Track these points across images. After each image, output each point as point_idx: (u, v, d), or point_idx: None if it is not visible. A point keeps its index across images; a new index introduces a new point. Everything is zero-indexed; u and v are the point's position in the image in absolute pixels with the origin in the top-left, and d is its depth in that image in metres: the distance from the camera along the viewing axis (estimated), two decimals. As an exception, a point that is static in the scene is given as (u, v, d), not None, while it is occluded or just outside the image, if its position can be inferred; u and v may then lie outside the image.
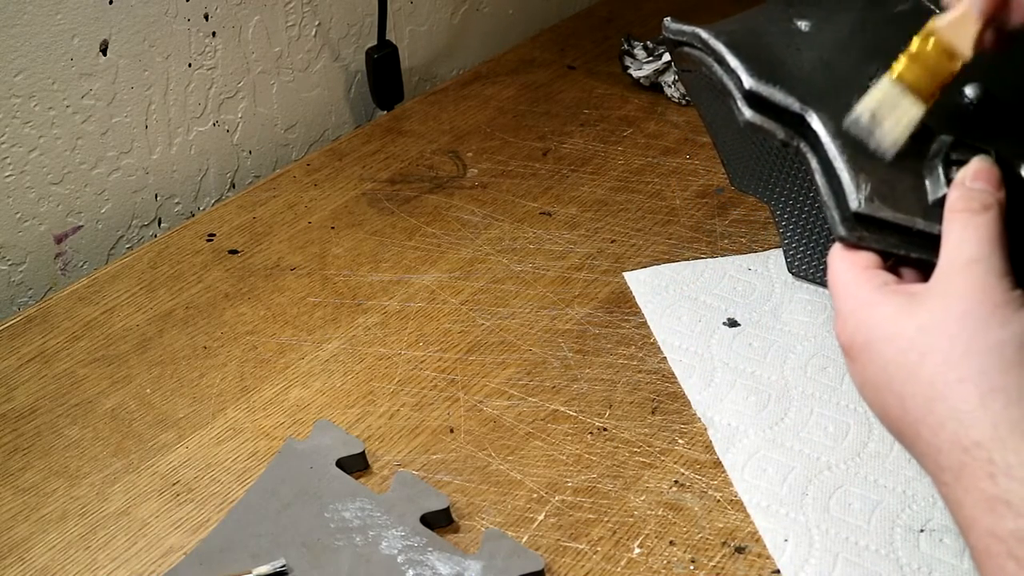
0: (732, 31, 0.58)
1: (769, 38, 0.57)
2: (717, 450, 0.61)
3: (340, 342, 0.70)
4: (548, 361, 0.68)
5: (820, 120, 0.53)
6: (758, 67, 0.55)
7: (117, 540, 0.58)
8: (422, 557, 0.55)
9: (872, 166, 0.51)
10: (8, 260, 0.77)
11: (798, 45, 0.57)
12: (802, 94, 0.54)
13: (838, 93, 0.54)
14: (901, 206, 0.50)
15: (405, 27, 0.98)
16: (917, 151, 0.51)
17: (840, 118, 0.52)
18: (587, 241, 0.78)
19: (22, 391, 0.68)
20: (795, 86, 0.54)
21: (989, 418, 0.43)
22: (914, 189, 0.51)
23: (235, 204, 0.84)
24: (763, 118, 0.54)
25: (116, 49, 0.78)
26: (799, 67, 0.55)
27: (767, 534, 0.56)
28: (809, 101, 0.53)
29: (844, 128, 0.52)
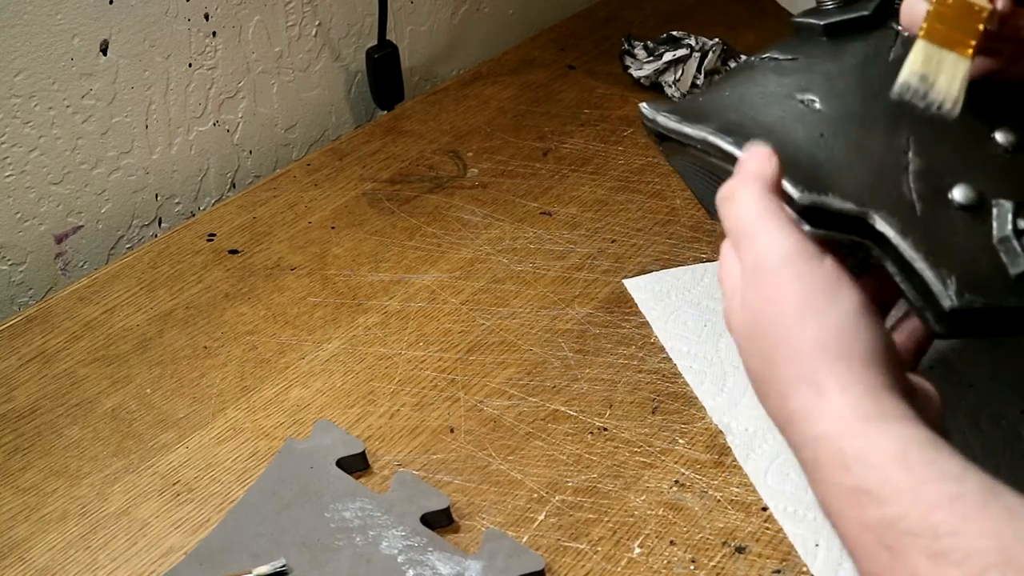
0: (743, 128, 0.53)
1: (788, 131, 0.53)
2: (737, 457, 0.61)
3: (340, 342, 0.70)
4: (548, 361, 0.68)
5: (883, 220, 0.49)
6: (798, 175, 0.50)
7: (117, 540, 0.58)
8: (422, 557, 0.55)
9: (949, 254, 0.49)
10: (8, 260, 0.77)
11: (820, 131, 0.53)
12: (856, 194, 0.50)
13: (885, 181, 0.50)
14: (989, 290, 0.48)
15: (405, 27, 0.98)
16: (981, 224, 0.50)
17: (900, 211, 0.49)
18: (587, 241, 0.78)
19: (22, 391, 0.68)
20: (845, 187, 0.50)
21: (832, 408, 0.42)
22: (995, 267, 0.49)
23: (235, 204, 0.84)
24: (826, 232, 0.49)
25: (116, 49, 0.78)
26: (835, 162, 0.51)
27: (797, 540, 0.56)
28: (865, 201, 0.50)
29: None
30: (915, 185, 0.50)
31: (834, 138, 0.52)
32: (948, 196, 0.50)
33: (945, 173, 0.51)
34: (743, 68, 0.58)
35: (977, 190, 0.50)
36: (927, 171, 0.51)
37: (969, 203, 0.50)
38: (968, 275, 0.49)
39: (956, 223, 0.50)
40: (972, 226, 0.50)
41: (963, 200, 0.50)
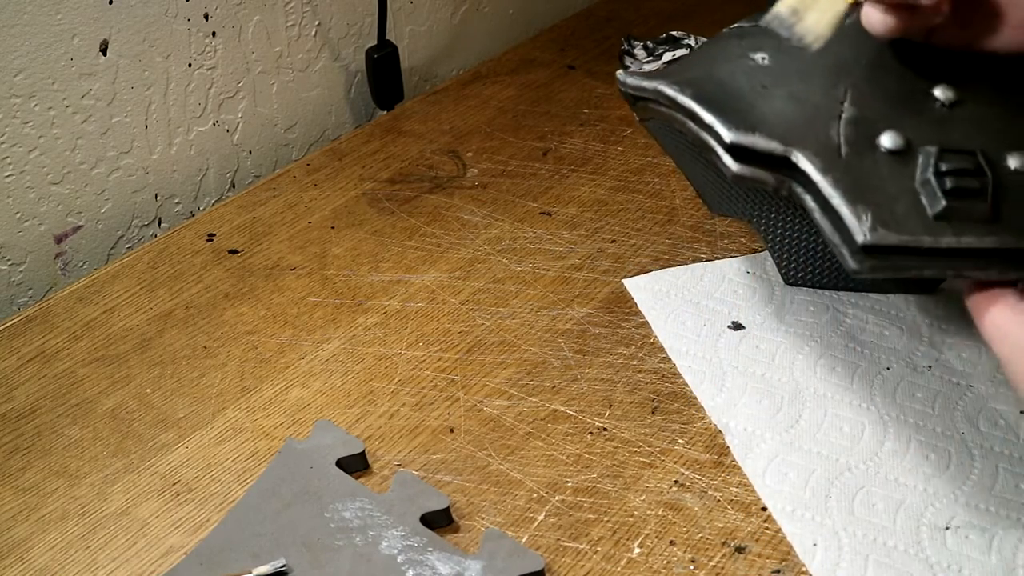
0: (695, 80, 0.57)
1: (734, 82, 0.56)
2: (736, 456, 0.61)
3: (340, 342, 0.70)
4: (548, 361, 0.68)
5: (806, 158, 0.52)
6: (732, 117, 0.54)
7: (117, 540, 0.58)
8: (422, 557, 0.55)
9: (869, 193, 0.51)
10: (8, 260, 0.77)
11: (763, 82, 0.56)
12: (782, 135, 0.53)
13: (815, 125, 0.53)
14: (905, 228, 0.50)
15: (405, 27, 0.98)
16: (905, 168, 0.51)
17: (824, 152, 0.52)
18: (587, 241, 0.78)
19: (22, 391, 0.68)
20: (773, 128, 0.53)
21: None
22: (914, 207, 0.50)
23: (235, 204, 0.84)
24: (751, 168, 0.54)
25: (116, 49, 0.78)
26: (771, 107, 0.54)
27: (795, 539, 0.56)
28: (791, 141, 0.53)
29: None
30: (844, 131, 0.53)
31: (775, 88, 0.55)
32: (876, 141, 0.52)
33: (877, 121, 0.52)
34: (715, 37, 0.61)
35: (906, 137, 0.52)
36: (859, 119, 0.53)
37: (896, 148, 0.51)
38: (885, 213, 0.50)
39: (881, 166, 0.51)
40: (897, 170, 0.51)
41: (890, 145, 0.51)
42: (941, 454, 0.60)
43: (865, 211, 0.50)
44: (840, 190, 0.51)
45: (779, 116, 0.54)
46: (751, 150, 0.53)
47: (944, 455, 0.60)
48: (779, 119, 0.53)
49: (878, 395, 0.63)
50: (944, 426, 0.61)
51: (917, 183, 0.51)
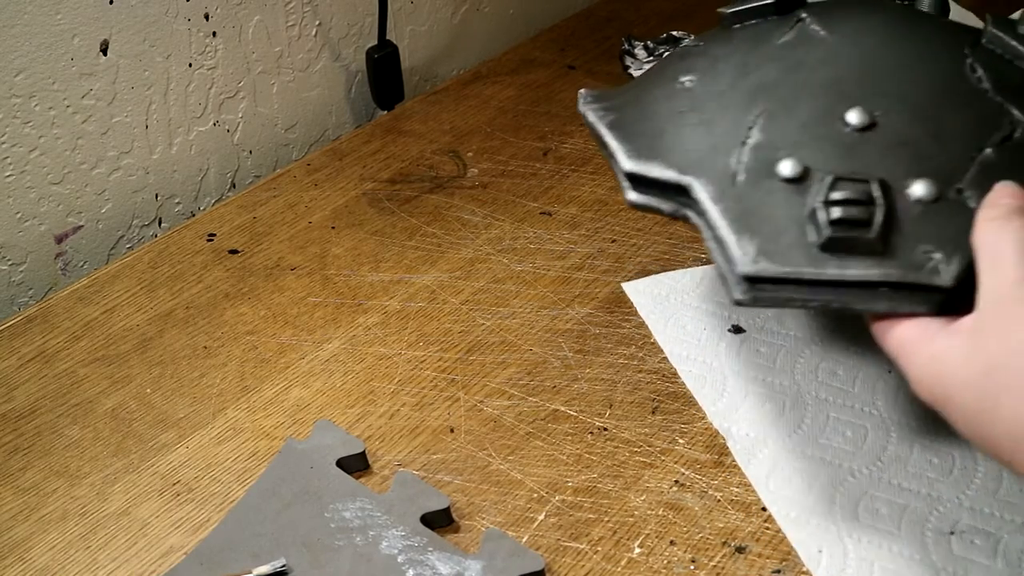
0: (622, 104, 0.58)
1: (655, 105, 0.57)
2: (739, 462, 0.60)
3: (340, 342, 0.70)
4: (548, 361, 0.68)
5: (701, 186, 0.52)
6: (637, 144, 0.55)
7: (117, 540, 0.58)
8: (422, 557, 0.55)
9: (757, 222, 0.50)
10: (8, 260, 0.77)
11: (681, 107, 0.56)
12: (681, 163, 0.53)
13: (716, 152, 0.53)
14: (787, 259, 0.48)
15: (405, 27, 0.98)
16: (798, 196, 0.50)
17: (719, 180, 0.52)
18: (587, 241, 0.78)
19: (22, 391, 0.68)
20: (674, 157, 0.54)
21: None
22: (800, 237, 0.49)
23: (235, 204, 0.84)
24: (647, 197, 0.54)
25: (116, 49, 0.78)
26: (679, 134, 0.54)
27: (800, 546, 0.56)
28: (689, 169, 0.53)
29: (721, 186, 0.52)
30: (746, 158, 0.52)
31: (690, 113, 0.55)
32: (774, 169, 0.51)
33: (781, 148, 0.51)
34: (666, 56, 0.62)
35: (804, 164, 0.50)
36: (763, 145, 0.52)
37: (793, 176, 0.50)
38: (769, 243, 0.49)
39: (775, 194, 0.50)
40: (790, 198, 0.50)
41: (787, 173, 0.50)
42: (944, 458, 0.59)
43: (750, 241, 0.49)
44: (728, 219, 0.50)
45: (684, 143, 0.54)
46: (648, 178, 0.54)
47: (948, 459, 0.59)
48: (683, 147, 0.54)
49: (880, 399, 0.63)
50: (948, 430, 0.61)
51: (807, 210, 0.49)
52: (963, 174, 0.50)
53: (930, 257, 0.48)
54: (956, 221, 0.48)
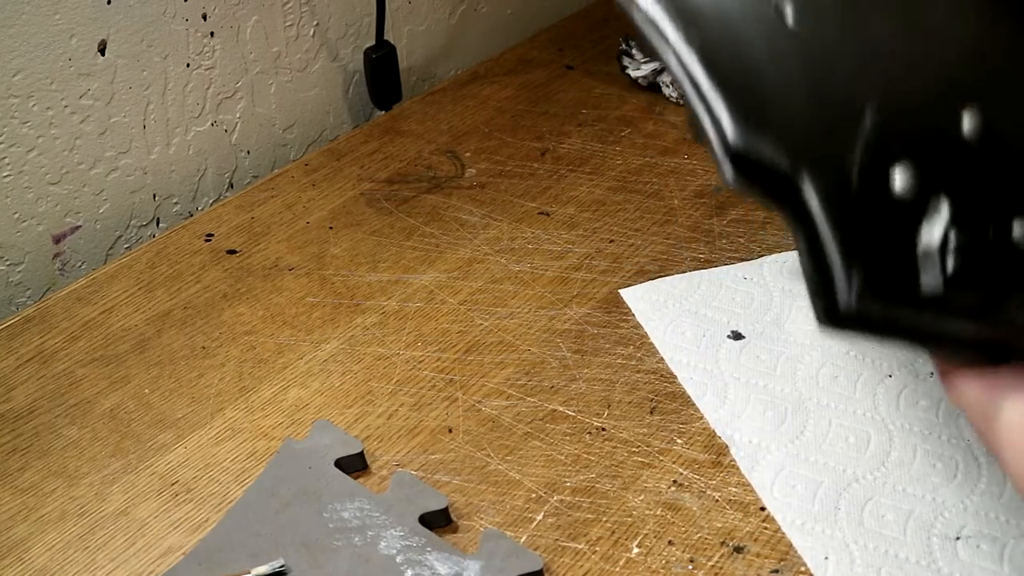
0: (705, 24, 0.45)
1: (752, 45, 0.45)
2: (743, 469, 0.60)
3: (338, 342, 0.70)
4: (546, 361, 0.68)
5: (814, 188, 0.43)
6: (744, 103, 0.44)
7: (116, 540, 0.58)
8: (421, 557, 0.55)
9: (865, 249, 0.43)
10: (6, 260, 0.77)
11: (783, 52, 0.45)
12: (792, 145, 0.44)
13: (833, 136, 0.44)
14: (892, 302, 0.43)
15: (403, 27, 0.98)
16: (911, 221, 0.43)
17: (834, 182, 0.43)
18: (585, 241, 0.78)
19: (20, 391, 0.68)
20: (785, 130, 0.44)
21: None
22: (907, 279, 0.43)
23: (233, 204, 0.84)
24: (750, 185, 0.44)
25: (114, 49, 0.78)
26: (786, 95, 0.44)
27: (806, 553, 0.55)
28: (801, 155, 0.43)
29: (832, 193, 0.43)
30: (862, 154, 0.44)
31: (794, 65, 0.45)
32: (889, 176, 0.43)
33: (897, 144, 0.44)
34: None
35: (920, 178, 0.43)
36: (880, 139, 0.44)
37: (907, 194, 0.43)
38: (876, 279, 0.43)
39: (886, 213, 0.43)
40: (902, 223, 0.43)
41: (902, 188, 0.43)
42: (948, 462, 0.59)
43: (858, 272, 0.43)
44: (839, 236, 0.43)
45: (795, 110, 0.44)
46: (756, 162, 0.44)
47: (951, 463, 0.59)
48: (794, 115, 0.44)
49: (881, 403, 0.63)
50: (949, 433, 0.61)
51: (920, 250, 0.43)
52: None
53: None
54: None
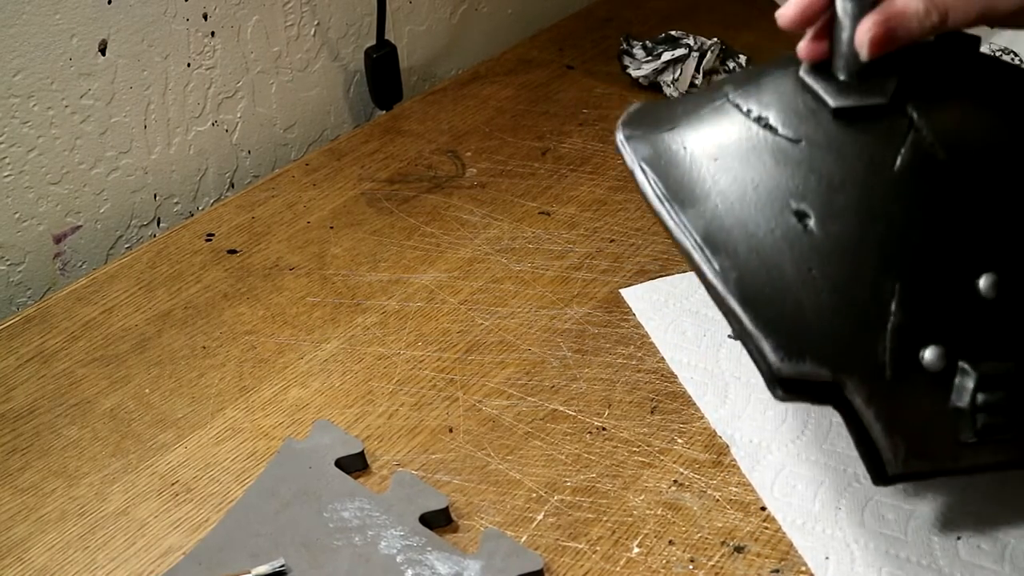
0: (722, 230, 0.51)
1: (777, 256, 0.50)
2: (743, 468, 0.60)
3: (339, 342, 0.70)
4: (547, 361, 0.68)
5: (854, 386, 0.49)
6: (781, 331, 0.49)
7: (116, 540, 0.58)
8: (421, 557, 0.55)
9: (905, 421, 0.49)
10: (7, 260, 0.77)
11: (810, 263, 0.49)
12: (831, 355, 0.49)
13: (863, 338, 0.49)
14: (935, 458, 0.50)
15: (404, 27, 0.98)
16: (942, 389, 0.49)
17: (871, 376, 0.49)
18: (586, 241, 0.78)
19: (21, 391, 0.68)
20: (822, 347, 0.49)
21: None
22: (945, 435, 0.50)
23: (234, 204, 0.84)
24: (795, 398, 0.50)
25: (115, 49, 0.78)
26: (818, 310, 0.49)
27: (806, 553, 0.55)
28: (840, 364, 0.49)
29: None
30: (891, 344, 0.49)
31: (823, 277, 0.49)
32: (919, 357, 0.49)
33: (922, 330, 0.49)
34: (730, 119, 0.54)
35: (946, 352, 0.49)
36: (906, 327, 0.49)
37: (936, 368, 0.49)
38: (918, 444, 0.50)
39: (920, 388, 0.49)
40: (935, 392, 0.49)
41: (932, 364, 0.49)
42: None
43: (901, 443, 0.49)
44: (881, 422, 0.49)
45: (827, 326, 0.49)
46: (800, 381, 0.49)
47: None
48: (828, 331, 0.49)
49: None
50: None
51: (951, 407, 0.49)
52: None
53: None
54: None
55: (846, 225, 0.50)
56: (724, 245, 0.50)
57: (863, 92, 0.51)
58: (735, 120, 0.53)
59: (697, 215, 0.51)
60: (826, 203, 0.50)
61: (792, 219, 0.50)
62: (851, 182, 0.50)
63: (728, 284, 0.50)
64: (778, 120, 0.52)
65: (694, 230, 0.51)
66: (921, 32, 0.49)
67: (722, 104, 0.54)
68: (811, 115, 0.51)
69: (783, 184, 0.51)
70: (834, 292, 0.49)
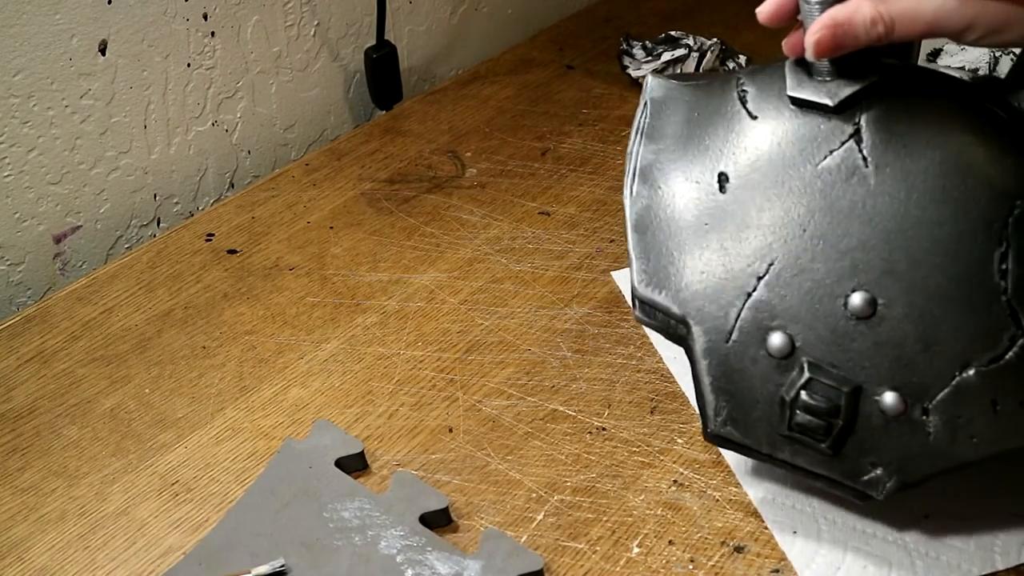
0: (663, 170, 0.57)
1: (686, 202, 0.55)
2: (721, 451, 0.61)
3: (339, 342, 0.70)
4: (547, 361, 0.68)
5: (697, 334, 0.54)
6: (653, 262, 0.55)
7: (116, 540, 0.58)
8: (421, 557, 0.55)
9: (735, 389, 0.53)
10: (7, 260, 0.77)
11: (707, 217, 0.54)
12: (687, 298, 0.54)
13: (721, 298, 0.53)
14: (750, 433, 0.53)
15: (404, 27, 0.98)
16: (779, 374, 0.52)
17: (715, 333, 0.53)
18: (586, 241, 0.78)
19: (21, 391, 0.68)
20: (682, 289, 0.54)
21: None
22: (767, 417, 0.53)
23: (234, 204, 0.84)
24: (649, 320, 0.56)
25: (115, 49, 0.78)
26: (697, 258, 0.54)
27: (775, 527, 0.57)
28: (692, 308, 0.54)
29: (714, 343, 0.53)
30: (745, 314, 0.53)
31: (712, 231, 0.54)
32: (765, 337, 0.52)
33: (778, 314, 0.52)
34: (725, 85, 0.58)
35: (793, 343, 0.52)
36: (764, 306, 0.52)
37: (779, 353, 0.52)
38: (740, 413, 0.53)
39: (758, 365, 0.53)
40: (771, 374, 0.53)
41: (775, 347, 0.52)
42: None
43: (724, 405, 0.53)
44: (711, 378, 0.53)
45: (696, 271, 0.54)
46: (654, 305, 0.55)
47: None
48: (694, 276, 0.54)
49: None
50: None
51: (778, 397, 0.52)
52: (936, 393, 0.51)
53: (873, 470, 0.52)
54: (908, 442, 0.51)
55: (752, 197, 0.54)
56: (652, 180, 0.57)
57: (819, 91, 0.53)
58: (727, 91, 0.57)
59: (650, 150, 0.58)
60: (745, 174, 0.54)
61: (714, 179, 0.55)
62: (775, 163, 0.54)
63: (632, 208, 0.56)
64: (752, 97, 0.56)
65: (640, 160, 0.57)
66: (867, 40, 0.51)
67: (730, 78, 0.58)
68: (778, 100, 0.55)
69: (723, 149, 0.55)
70: (716, 249, 0.54)
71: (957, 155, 0.52)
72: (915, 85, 0.54)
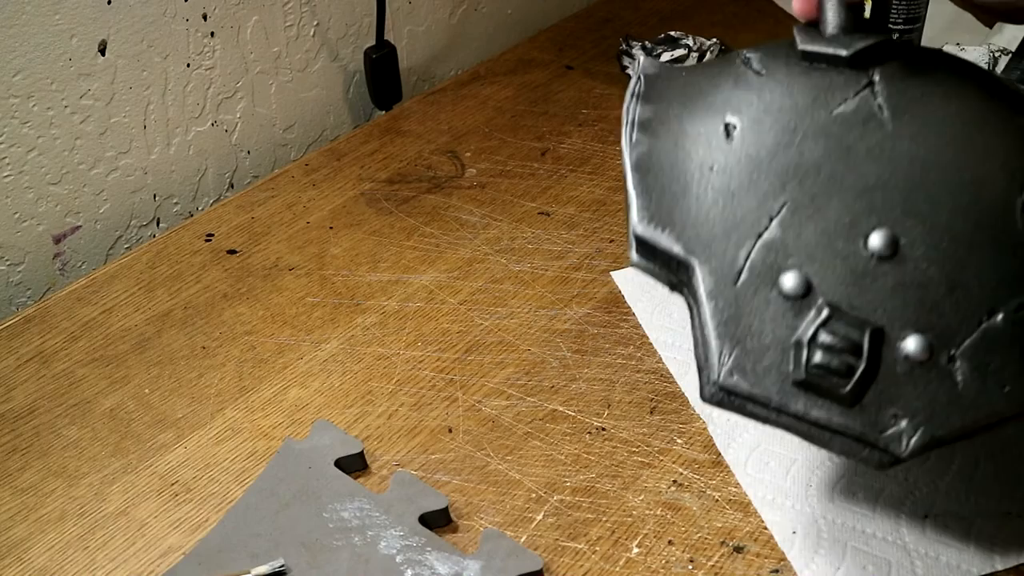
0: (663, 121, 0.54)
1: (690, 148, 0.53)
2: (718, 446, 0.61)
3: (338, 342, 0.70)
4: (546, 361, 0.68)
5: (701, 275, 0.50)
6: (655, 200, 0.52)
7: (116, 540, 0.58)
8: (421, 557, 0.55)
9: (743, 333, 0.49)
10: (6, 260, 0.77)
11: (713, 161, 0.52)
12: (690, 238, 0.51)
13: (729, 238, 0.50)
14: (759, 383, 0.48)
15: (404, 27, 0.98)
16: (792, 317, 0.49)
17: (721, 274, 0.50)
18: (585, 241, 0.78)
19: (20, 391, 0.68)
20: (685, 229, 0.51)
21: None
22: (778, 364, 0.49)
23: (233, 204, 0.84)
24: (648, 264, 0.52)
25: (115, 49, 0.78)
26: (700, 200, 0.52)
27: (775, 527, 0.57)
28: (696, 248, 0.51)
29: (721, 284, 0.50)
30: (755, 254, 0.50)
31: (718, 175, 0.52)
32: (778, 278, 0.49)
33: (792, 255, 0.50)
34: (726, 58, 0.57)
35: (808, 282, 0.49)
36: (777, 245, 0.50)
37: (793, 293, 0.49)
38: (748, 360, 0.49)
39: (770, 307, 0.49)
40: (783, 316, 0.49)
41: (789, 288, 0.49)
42: None
43: (730, 352, 0.49)
44: (716, 320, 0.49)
45: (701, 213, 0.51)
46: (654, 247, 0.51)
47: None
48: (699, 217, 0.51)
49: None
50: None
51: (793, 339, 0.49)
52: (963, 339, 0.48)
53: (897, 422, 0.48)
54: (935, 391, 0.48)
55: (763, 140, 0.52)
56: (651, 128, 0.55)
57: (832, 44, 0.52)
58: (731, 61, 0.56)
59: (647, 108, 0.56)
60: (755, 120, 0.52)
61: (720, 128, 0.53)
62: (786, 110, 0.52)
63: (632, 152, 0.54)
64: (757, 59, 0.55)
65: (638, 115, 0.55)
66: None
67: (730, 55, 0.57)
68: (785, 58, 0.54)
69: (728, 99, 0.54)
70: (723, 191, 0.51)
71: (975, 107, 0.51)
72: (925, 52, 0.54)
